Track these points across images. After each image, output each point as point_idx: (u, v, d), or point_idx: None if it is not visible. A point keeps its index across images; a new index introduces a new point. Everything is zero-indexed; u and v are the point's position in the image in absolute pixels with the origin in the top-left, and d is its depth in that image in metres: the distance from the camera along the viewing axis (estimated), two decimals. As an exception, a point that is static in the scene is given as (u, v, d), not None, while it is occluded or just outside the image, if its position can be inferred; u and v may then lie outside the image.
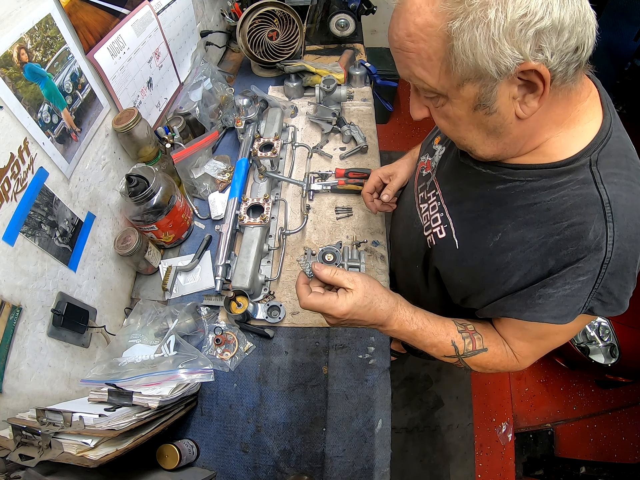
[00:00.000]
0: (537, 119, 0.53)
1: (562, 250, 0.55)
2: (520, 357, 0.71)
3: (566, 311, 0.58)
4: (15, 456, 0.62)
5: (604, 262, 0.53)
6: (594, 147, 0.55)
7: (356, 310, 0.64)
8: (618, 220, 0.52)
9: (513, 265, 0.61)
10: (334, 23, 1.70)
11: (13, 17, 0.72)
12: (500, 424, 1.99)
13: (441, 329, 0.70)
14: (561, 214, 0.55)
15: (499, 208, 0.62)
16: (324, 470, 0.90)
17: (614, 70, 2.75)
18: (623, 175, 0.54)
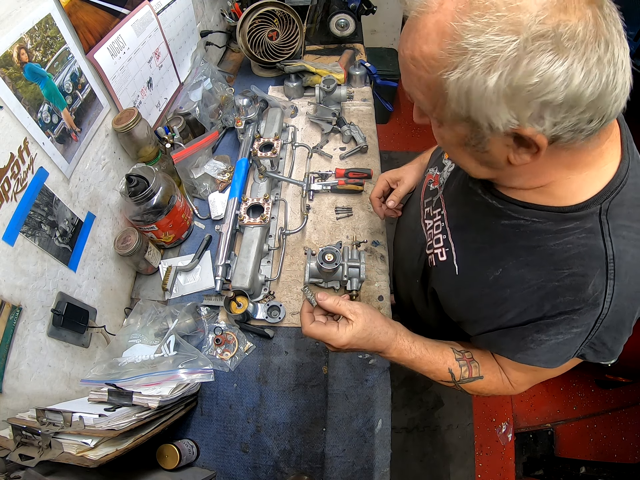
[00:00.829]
0: (536, 165, 0.49)
1: (559, 297, 0.54)
2: (516, 385, 0.72)
3: (556, 357, 0.60)
4: (15, 456, 0.62)
5: (599, 318, 0.52)
6: (607, 194, 0.51)
7: (355, 341, 0.66)
8: (620, 278, 0.50)
9: (510, 302, 0.60)
10: (334, 23, 1.70)
11: (13, 17, 0.72)
12: (500, 424, 1.99)
13: (439, 358, 0.72)
14: (563, 262, 0.53)
15: (502, 244, 0.61)
16: (324, 470, 0.90)
17: (614, 70, 2.75)
18: (634, 228, 0.51)
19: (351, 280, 1.02)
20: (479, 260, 0.65)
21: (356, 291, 1.02)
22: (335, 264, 0.97)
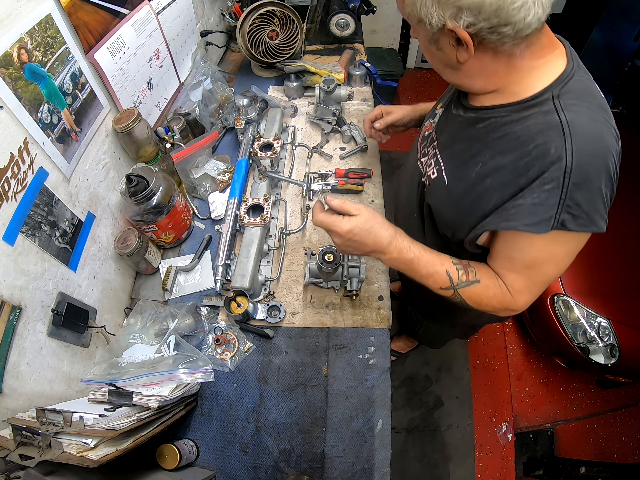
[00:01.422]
0: (485, 64, 0.65)
1: (530, 169, 0.63)
2: (513, 292, 0.74)
3: (537, 219, 0.64)
4: (15, 456, 0.62)
5: (565, 171, 0.60)
6: (556, 85, 0.63)
7: (357, 231, 0.74)
8: (575, 137, 0.59)
9: (491, 190, 0.69)
10: (334, 23, 1.71)
11: (13, 17, 0.72)
12: (500, 424, 1.99)
13: (436, 259, 0.77)
14: (528, 140, 0.63)
15: (479, 143, 0.71)
16: (324, 470, 0.90)
17: (614, 70, 2.75)
18: (582, 105, 0.62)
19: (351, 280, 1.02)
20: (462, 164, 0.75)
21: (356, 291, 1.02)
22: (335, 264, 0.97)
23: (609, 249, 1.92)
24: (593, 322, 1.79)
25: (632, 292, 1.83)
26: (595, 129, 0.61)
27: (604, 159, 0.61)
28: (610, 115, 0.64)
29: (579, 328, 1.79)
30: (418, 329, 1.47)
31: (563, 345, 1.83)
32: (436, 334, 1.50)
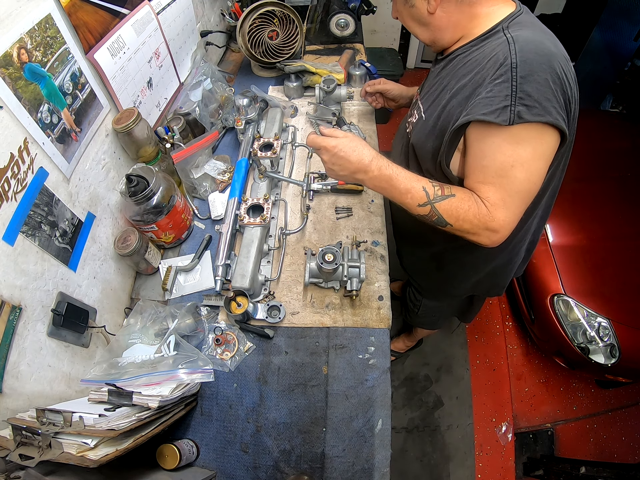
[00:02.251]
0: (451, 16, 0.80)
1: (485, 78, 0.73)
2: (489, 205, 0.76)
3: (492, 108, 0.70)
4: (15, 456, 0.62)
5: (512, 67, 0.68)
6: (507, 20, 0.76)
7: (342, 147, 0.82)
8: (519, 42, 0.70)
9: (457, 105, 0.78)
10: (334, 23, 1.71)
11: (13, 17, 0.72)
12: (500, 424, 1.99)
13: (414, 176, 0.82)
14: (483, 58, 0.75)
15: (448, 77, 0.84)
16: (324, 470, 0.90)
17: (614, 70, 2.75)
18: (528, 29, 0.74)
19: (351, 280, 1.02)
20: (436, 98, 0.86)
21: (356, 291, 1.02)
22: (335, 264, 0.97)
23: (609, 249, 1.93)
24: (593, 322, 1.79)
25: (632, 292, 1.83)
26: (536, 38, 0.72)
27: (547, 58, 0.69)
28: (554, 36, 0.76)
29: (579, 328, 1.79)
30: (418, 310, 1.48)
31: (563, 345, 1.83)
32: (436, 312, 1.52)
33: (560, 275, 1.87)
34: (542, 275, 1.91)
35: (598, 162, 2.19)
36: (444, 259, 1.13)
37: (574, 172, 2.25)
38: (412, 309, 1.52)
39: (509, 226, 0.78)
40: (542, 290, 1.90)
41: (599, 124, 2.36)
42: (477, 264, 1.09)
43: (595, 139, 2.26)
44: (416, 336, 1.98)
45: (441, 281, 1.26)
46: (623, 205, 2.03)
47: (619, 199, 2.05)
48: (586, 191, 2.09)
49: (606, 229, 1.98)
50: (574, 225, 2.00)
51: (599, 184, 2.12)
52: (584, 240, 1.95)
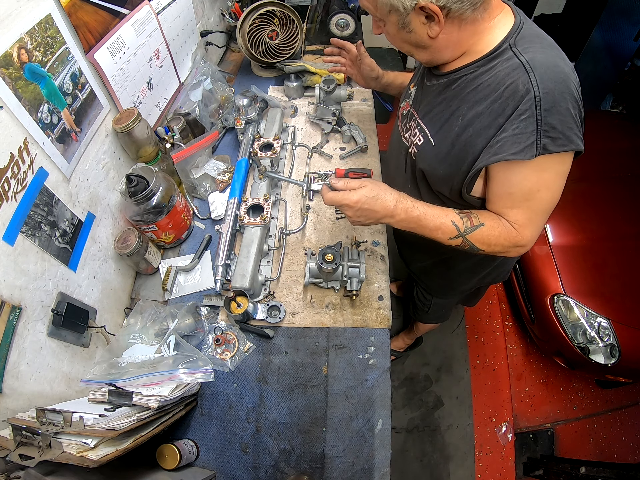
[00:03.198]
0: (452, 36, 0.74)
1: (505, 108, 0.71)
2: (517, 226, 0.80)
3: (521, 147, 0.70)
4: (15, 456, 0.62)
5: (535, 100, 0.68)
6: (510, 36, 0.73)
7: (365, 199, 0.82)
8: (537, 69, 0.68)
9: (475, 136, 0.76)
10: (334, 23, 1.71)
11: (13, 17, 0.72)
12: (500, 424, 1.99)
13: (441, 212, 0.83)
14: (498, 84, 0.72)
15: (456, 100, 0.80)
16: (324, 470, 0.90)
17: (614, 70, 2.75)
18: (537, 47, 0.72)
19: (351, 280, 1.02)
20: (444, 123, 0.82)
21: (356, 291, 1.02)
22: (335, 264, 0.98)
23: (609, 249, 1.93)
24: (593, 322, 1.79)
25: (632, 292, 1.83)
26: (550, 61, 0.70)
27: (565, 84, 0.69)
28: (561, 51, 0.74)
29: (579, 328, 1.79)
30: (428, 309, 1.49)
31: (563, 345, 1.83)
32: (445, 307, 1.54)
33: (560, 275, 1.87)
34: (542, 275, 1.91)
35: (598, 162, 2.18)
36: (452, 262, 1.13)
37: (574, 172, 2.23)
38: (422, 308, 1.51)
39: (535, 239, 0.82)
40: (542, 290, 1.90)
41: (599, 124, 2.36)
42: (486, 261, 1.10)
43: (595, 139, 2.25)
44: (415, 333, 1.98)
45: (451, 281, 1.27)
46: (623, 205, 2.03)
47: (619, 199, 2.05)
48: (586, 191, 2.09)
49: (606, 229, 1.98)
50: (574, 225, 2.00)
51: (599, 184, 2.12)
52: (584, 240, 1.95)
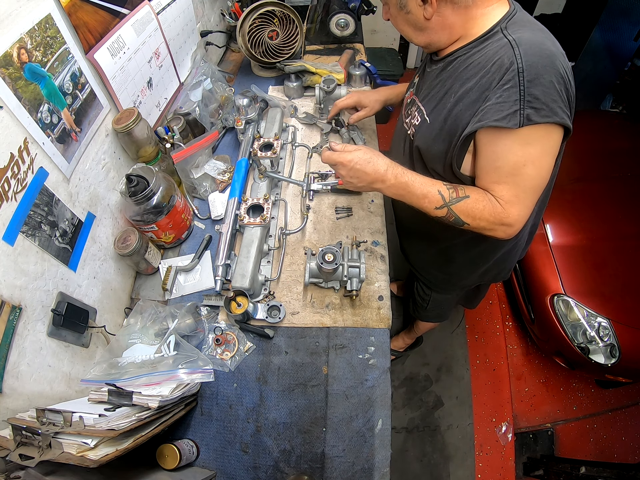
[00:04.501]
0: (446, 19, 0.79)
1: (492, 82, 0.74)
2: (503, 203, 0.81)
3: (504, 114, 0.72)
4: (15, 456, 0.62)
5: (519, 72, 0.70)
6: (503, 20, 0.77)
7: (358, 160, 0.87)
8: (522, 45, 0.71)
9: (464, 109, 0.79)
10: (334, 23, 1.70)
11: (13, 17, 0.72)
12: (500, 424, 1.99)
13: (429, 181, 0.86)
14: (487, 61, 0.75)
15: (450, 80, 0.84)
16: (324, 470, 0.90)
17: (614, 70, 2.75)
18: (526, 29, 0.75)
19: (351, 280, 1.02)
20: (439, 101, 0.86)
21: (356, 291, 1.02)
22: (335, 264, 0.97)
23: (609, 249, 1.93)
24: (593, 322, 1.79)
25: (632, 292, 1.83)
26: (537, 39, 0.73)
27: (550, 59, 0.71)
28: (551, 35, 0.77)
29: (579, 328, 1.79)
30: (427, 305, 1.50)
31: (563, 345, 1.83)
32: (444, 304, 1.54)
33: (560, 275, 1.87)
34: (542, 275, 1.91)
35: (598, 162, 2.19)
36: (452, 253, 1.14)
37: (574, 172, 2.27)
38: (421, 304, 1.52)
39: (523, 219, 0.83)
40: (542, 290, 1.90)
41: (599, 124, 2.36)
42: (485, 253, 1.11)
43: (595, 139, 2.25)
44: (416, 332, 1.98)
45: (451, 274, 1.27)
46: (623, 205, 2.03)
47: (619, 199, 2.05)
48: (586, 191, 2.09)
49: (606, 229, 1.98)
50: (574, 225, 2.00)
51: (599, 184, 2.12)
52: (584, 240, 1.95)
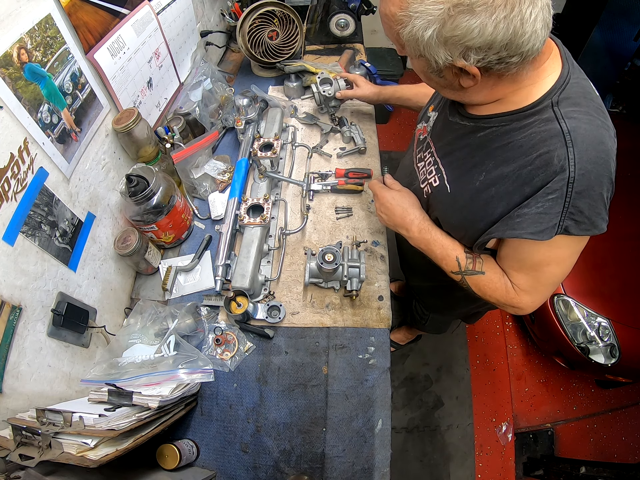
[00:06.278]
0: (488, 84, 0.65)
1: (534, 178, 0.65)
2: (518, 290, 0.78)
3: (541, 227, 0.66)
4: (15, 456, 0.62)
5: (569, 182, 0.61)
6: (554, 91, 0.65)
7: (391, 200, 0.91)
8: (578, 145, 0.61)
9: (496, 199, 0.71)
10: (334, 23, 1.70)
11: (13, 17, 0.72)
12: (500, 424, 1.99)
13: (450, 245, 0.84)
14: (531, 148, 0.65)
15: (481, 152, 0.73)
16: (324, 470, 0.90)
17: (614, 70, 2.75)
18: (582, 111, 0.63)
19: (351, 280, 1.02)
20: (465, 173, 0.77)
21: (356, 291, 1.02)
22: (335, 264, 0.98)
23: (609, 249, 1.92)
24: (593, 322, 1.79)
25: (632, 292, 1.83)
26: (595, 135, 0.62)
27: (606, 165, 0.62)
28: (607, 116, 0.66)
29: (579, 328, 1.79)
30: (425, 322, 1.52)
31: (563, 345, 1.83)
32: (442, 323, 1.57)
33: (560, 275, 1.87)
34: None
35: (598, 162, 2.18)
36: (453, 287, 1.08)
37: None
38: (419, 320, 1.54)
39: (535, 307, 0.80)
40: (542, 290, 1.90)
41: (599, 124, 2.36)
42: None
43: (595, 139, 2.25)
44: (417, 330, 1.99)
45: (449, 303, 1.26)
46: (623, 205, 2.03)
47: (619, 199, 2.04)
48: (586, 191, 2.08)
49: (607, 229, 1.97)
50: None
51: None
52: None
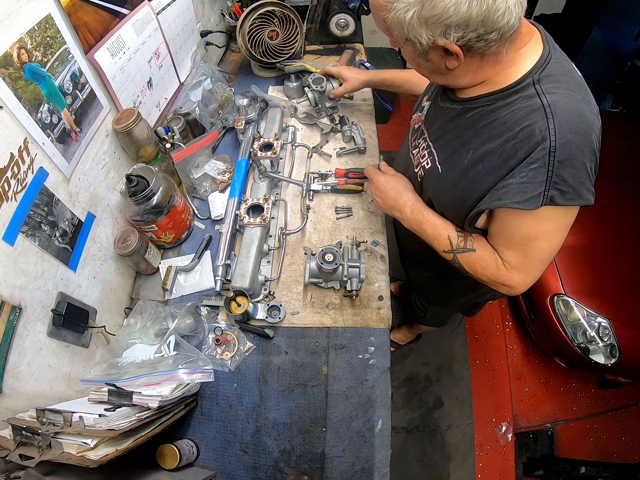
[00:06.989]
0: (472, 66, 0.69)
1: (518, 151, 0.67)
2: (509, 267, 0.80)
3: (526, 197, 0.68)
4: (15, 456, 0.62)
5: (550, 151, 0.63)
6: (535, 70, 0.67)
7: (386, 184, 0.95)
8: (557, 117, 0.63)
9: (483, 174, 0.74)
10: (334, 23, 1.70)
11: (13, 17, 0.72)
12: (500, 424, 1.99)
13: (442, 224, 0.87)
14: (514, 123, 0.68)
15: (469, 131, 0.76)
16: (324, 470, 0.90)
17: (614, 70, 2.75)
18: (562, 87, 0.66)
19: (351, 280, 1.02)
20: (454, 152, 0.80)
21: (356, 291, 1.02)
22: (335, 264, 0.98)
23: (609, 249, 1.93)
24: (593, 322, 1.79)
25: (632, 292, 1.83)
26: (575, 107, 0.64)
27: (586, 135, 0.64)
28: (589, 93, 0.68)
29: (579, 328, 1.79)
30: (424, 314, 1.52)
31: (563, 345, 1.83)
32: (442, 315, 1.57)
33: (560, 275, 1.87)
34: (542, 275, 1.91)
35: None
36: (451, 276, 1.12)
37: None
38: (419, 313, 1.54)
39: (526, 285, 0.81)
40: (542, 290, 1.90)
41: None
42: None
43: (595, 139, 2.25)
44: (417, 329, 1.99)
45: (449, 294, 1.28)
46: (623, 205, 2.03)
47: (619, 199, 2.05)
48: (586, 191, 2.09)
49: (606, 229, 1.98)
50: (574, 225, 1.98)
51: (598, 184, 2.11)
52: (584, 240, 1.95)
